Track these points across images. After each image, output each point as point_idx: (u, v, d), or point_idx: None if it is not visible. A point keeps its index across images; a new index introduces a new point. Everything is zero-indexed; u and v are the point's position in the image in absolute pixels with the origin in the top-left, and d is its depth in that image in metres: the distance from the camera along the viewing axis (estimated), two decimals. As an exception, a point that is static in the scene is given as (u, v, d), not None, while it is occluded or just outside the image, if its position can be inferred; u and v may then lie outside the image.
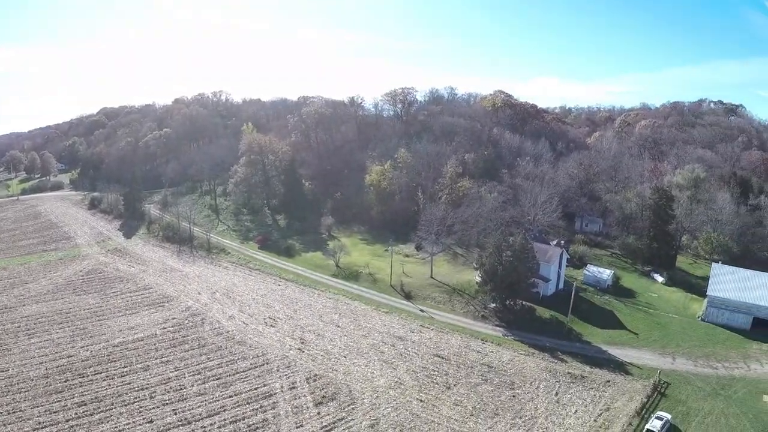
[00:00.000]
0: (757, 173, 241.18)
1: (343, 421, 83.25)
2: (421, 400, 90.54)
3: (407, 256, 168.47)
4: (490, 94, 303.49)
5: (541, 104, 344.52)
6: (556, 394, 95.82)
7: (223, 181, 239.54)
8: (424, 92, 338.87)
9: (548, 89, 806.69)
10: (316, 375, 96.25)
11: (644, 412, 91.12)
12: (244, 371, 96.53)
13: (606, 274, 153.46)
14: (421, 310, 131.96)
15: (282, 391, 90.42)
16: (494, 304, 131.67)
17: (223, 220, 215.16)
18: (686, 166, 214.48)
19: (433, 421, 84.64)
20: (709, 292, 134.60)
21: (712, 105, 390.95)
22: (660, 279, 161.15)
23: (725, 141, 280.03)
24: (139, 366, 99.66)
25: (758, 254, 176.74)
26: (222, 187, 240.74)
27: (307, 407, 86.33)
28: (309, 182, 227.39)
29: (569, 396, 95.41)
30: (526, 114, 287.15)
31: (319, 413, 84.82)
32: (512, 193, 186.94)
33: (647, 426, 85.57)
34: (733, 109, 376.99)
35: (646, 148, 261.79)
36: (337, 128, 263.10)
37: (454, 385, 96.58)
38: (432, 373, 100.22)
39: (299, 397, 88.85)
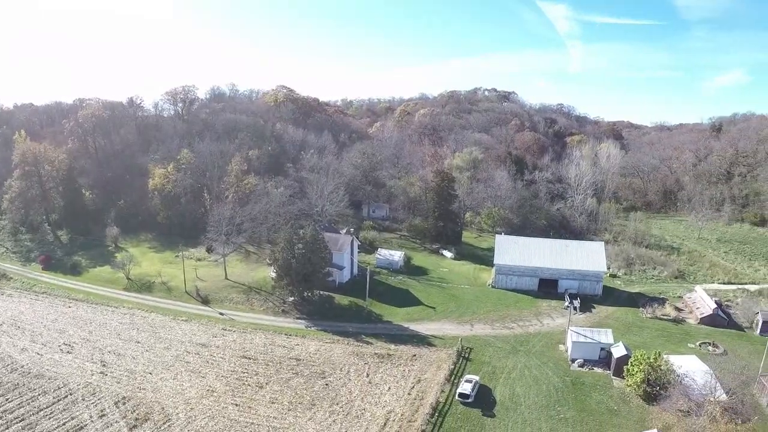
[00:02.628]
0: (530, 152, 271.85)
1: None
2: (236, 404, 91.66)
3: (199, 259, 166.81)
4: (272, 90, 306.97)
5: (323, 97, 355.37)
6: (367, 375, 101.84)
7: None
8: (205, 90, 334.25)
9: (330, 82, 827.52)
10: (124, 398, 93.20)
11: (453, 378, 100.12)
12: (48, 407, 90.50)
13: (397, 255, 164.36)
14: (221, 314, 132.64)
15: (92, 421, 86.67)
16: (293, 298, 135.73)
17: (0, 241, 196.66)
18: (464, 149, 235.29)
19: (252, 423, 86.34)
20: (496, 261, 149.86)
21: (486, 93, 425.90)
22: (449, 254, 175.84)
23: (500, 125, 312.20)
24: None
25: (537, 223, 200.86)
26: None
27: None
28: (90, 192, 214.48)
29: (380, 375, 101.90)
30: (308, 107, 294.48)
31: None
32: (299, 187, 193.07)
33: (459, 390, 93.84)
34: (506, 96, 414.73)
35: (425, 134, 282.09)
36: (116, 131, 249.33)
37: (267, 383, 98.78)
38: (242, 375, 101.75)
39: (111, 425, 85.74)
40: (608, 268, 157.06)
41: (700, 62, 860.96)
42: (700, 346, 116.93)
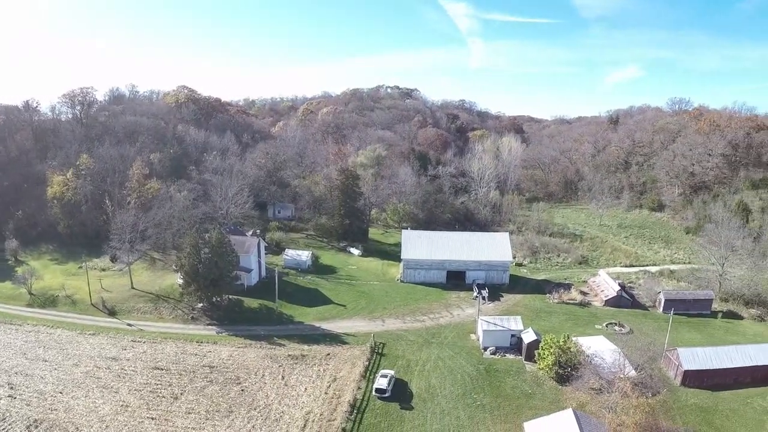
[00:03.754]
0: (433, 147, 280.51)
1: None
2: (152, 418, 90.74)
3: (104, 270, 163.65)
4: (173, 90, 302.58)
5: (225, 97, 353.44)
6: (283, 378, 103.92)
7: None
8: (104, 91, 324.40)
9: (232, 82, 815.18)
10: (36, 420, 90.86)
11: (369, 374, 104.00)
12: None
13: (305, 255, 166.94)
14: (129, 325, 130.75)
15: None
16: (201, 304, 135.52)
17: None
18: (368, 146, 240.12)
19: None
20: (403, 255, 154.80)
21: (389, 90, 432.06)
22: (356, 252, 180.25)
23: (403, 121, 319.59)
24: None
25: (442, 217, 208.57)
26: None
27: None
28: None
29: (295, 376, 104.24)
30: (210, 108, 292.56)
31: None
32: (202, 190, 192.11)
33: (375, 385, 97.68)
34: (408, 93, 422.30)
35: (329, 133, 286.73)
36: (11, 137, 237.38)
37: (181, 393, 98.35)
38: (156, 387, 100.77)
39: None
40: (514, 258, 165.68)
41: (598, 58, 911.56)
42: (606, 326, 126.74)
